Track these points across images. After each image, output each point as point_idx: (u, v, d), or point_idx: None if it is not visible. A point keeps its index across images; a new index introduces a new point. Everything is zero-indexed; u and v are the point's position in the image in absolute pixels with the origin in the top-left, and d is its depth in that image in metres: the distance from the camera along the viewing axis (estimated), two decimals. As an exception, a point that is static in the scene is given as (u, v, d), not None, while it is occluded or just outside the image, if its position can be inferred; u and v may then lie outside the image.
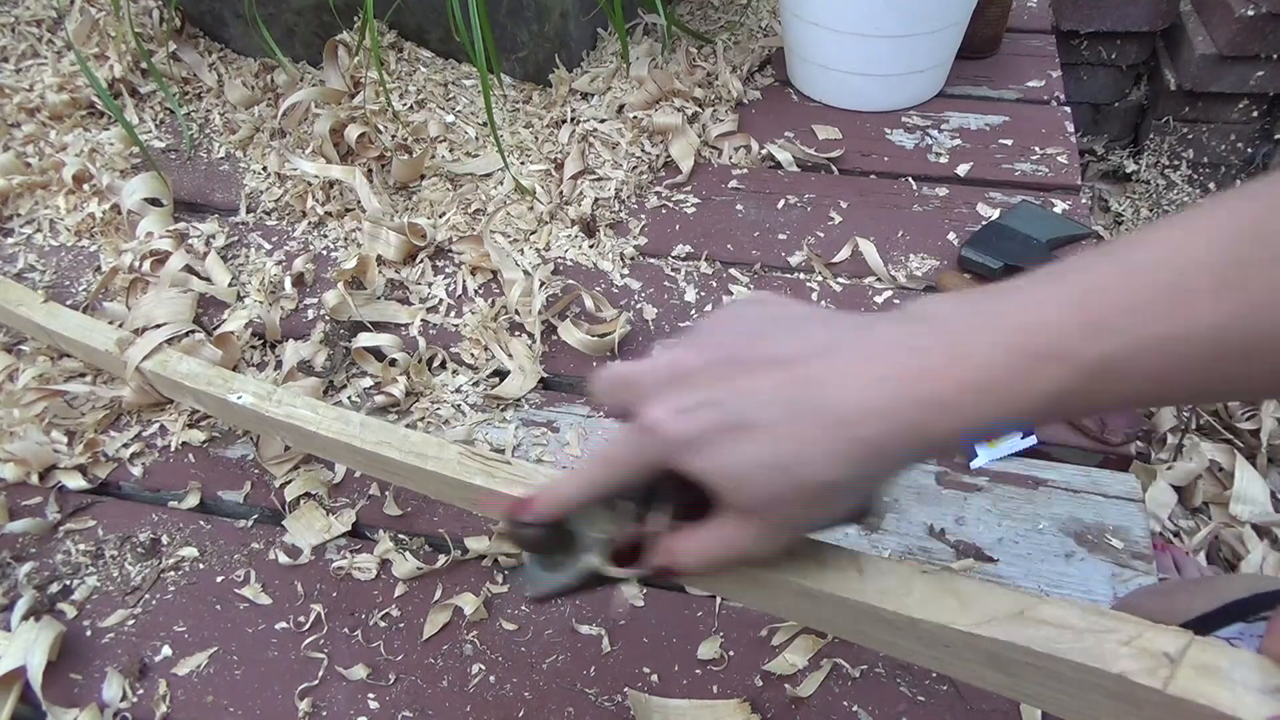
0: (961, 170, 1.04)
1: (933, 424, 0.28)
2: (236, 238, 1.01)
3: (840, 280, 0.92)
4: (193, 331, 0.88)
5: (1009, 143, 1.07)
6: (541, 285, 0.88)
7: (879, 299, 0.89)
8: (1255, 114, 1.57)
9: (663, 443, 0.31)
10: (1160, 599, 0.60)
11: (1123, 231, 1.59)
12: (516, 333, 0.88)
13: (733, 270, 0.94)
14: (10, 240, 1.03)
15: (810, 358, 0.30)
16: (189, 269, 0.95)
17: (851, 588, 0.36)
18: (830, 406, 0.29)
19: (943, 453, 0.31)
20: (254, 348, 0.89)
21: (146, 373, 0.74)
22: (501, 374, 0.85)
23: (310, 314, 0.92)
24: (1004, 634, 0.33)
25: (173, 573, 0.72)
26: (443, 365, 0.86)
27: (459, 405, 0.82)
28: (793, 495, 0.30)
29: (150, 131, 1.17)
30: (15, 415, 0.81)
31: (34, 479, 0.77)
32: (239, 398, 0.64)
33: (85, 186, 1.07)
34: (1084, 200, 1.01)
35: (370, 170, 1.03)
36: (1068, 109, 1.12)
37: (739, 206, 1.01)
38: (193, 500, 0.77)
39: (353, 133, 1.02)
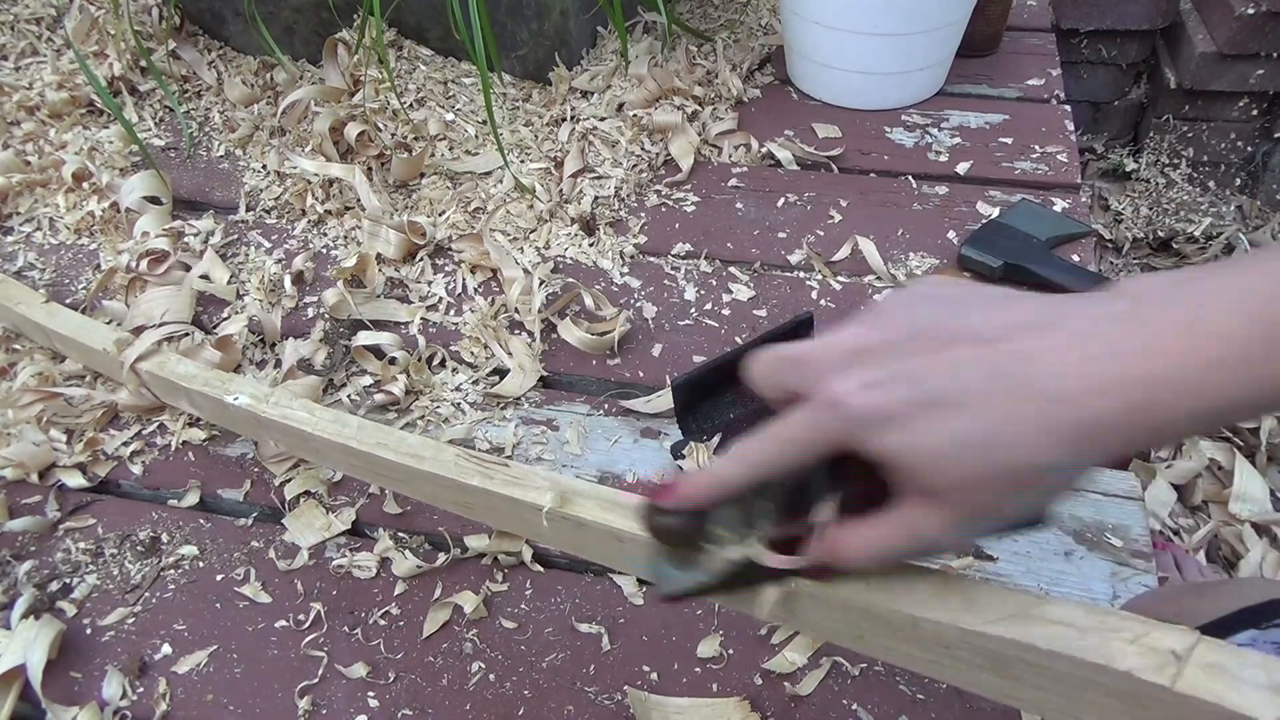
0: (961, 169, 1.04)
1: (1164, 404, 0.26)
2: (236, 236, 1.01)
3: (840, 279, 0.92)
4: (190, 333, 0.88)
5: (1009, 141, 1.07)
6: (541, 283, 0.88)
7: (879, 298, 0.89)
8: (1255, 112, 1.57)
9: (847, 419, 0.29)
10: (1166, 604, 0.60)
11: (1122, 230, 1.59)
12: (516, 331, 0.88)
13: (732, 269, 0.94)
14: (10, 239, 1.03)
15: (1014, 333, 0.28)
16: (186, 267, 0.95)
17: (854, 587, 0.36)
18: (1043, 383, 0.27)
19: (1159, 441, 0.29)
20: (254, 345, 0.88)
21: (143, 374, 0.74)
22: (501, 372, 0.85)
23: (310, 312, 0.92)
24: (1009, 632, 0.33)
25: (172, 571, 0.72)
26: (442, 364, 0.86)
27: (459, 404, 0.82)
28: (994, 479, 0.27)
29: (150, 130, 1.17)
30: (10, 416, 0.81)
31: (34, 478, 0.77)
32: (235, 399, 0.64)
33: (85, 185, 1.07)
34: (1084, 199, 1.01)
35: (370, 168, 1.03)
36: (1068, 107, 1.12)
37: (739, 205, 1.01)
38: (192, 498, 0.77)
39: (352, 131, 1.02)
